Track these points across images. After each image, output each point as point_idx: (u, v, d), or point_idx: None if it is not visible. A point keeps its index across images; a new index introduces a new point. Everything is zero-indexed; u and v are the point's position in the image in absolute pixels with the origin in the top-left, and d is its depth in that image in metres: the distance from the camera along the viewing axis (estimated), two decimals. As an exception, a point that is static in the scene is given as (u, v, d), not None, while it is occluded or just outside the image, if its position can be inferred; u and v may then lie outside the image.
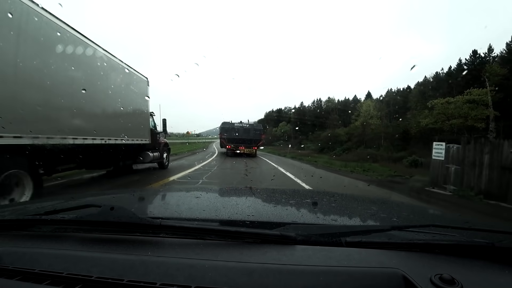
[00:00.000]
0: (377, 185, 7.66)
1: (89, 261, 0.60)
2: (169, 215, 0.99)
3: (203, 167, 10.98)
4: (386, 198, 2.97)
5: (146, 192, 1.84)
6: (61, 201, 1.26)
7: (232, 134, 17.91)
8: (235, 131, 17.99)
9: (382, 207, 1.35)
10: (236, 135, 17.88)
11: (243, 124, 18.54)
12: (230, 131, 18.01)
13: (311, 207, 1.15)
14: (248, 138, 17.89)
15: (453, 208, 5.23)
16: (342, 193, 1.88)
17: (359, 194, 2.55)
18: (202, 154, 18.72)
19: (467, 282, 0.52)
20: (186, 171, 9.33)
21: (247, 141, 17.81)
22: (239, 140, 17.89)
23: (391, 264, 0.58)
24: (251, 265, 0.58)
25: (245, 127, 18.33)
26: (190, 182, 7.20)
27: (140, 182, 7.09)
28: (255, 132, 18.39)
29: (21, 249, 0.68)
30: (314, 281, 0.53)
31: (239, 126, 18.34)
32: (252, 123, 19.10)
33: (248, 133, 18.04)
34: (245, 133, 17.97)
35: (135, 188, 4.62)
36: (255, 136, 18.22)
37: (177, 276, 0.55)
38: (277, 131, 60.03)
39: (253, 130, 18.36)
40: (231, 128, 18.14)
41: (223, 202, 1.36)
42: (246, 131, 18.10)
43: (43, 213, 0.83)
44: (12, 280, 0.55)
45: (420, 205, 2.98)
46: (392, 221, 1.06)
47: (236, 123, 18.54)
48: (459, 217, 1.68)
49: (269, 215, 1.03)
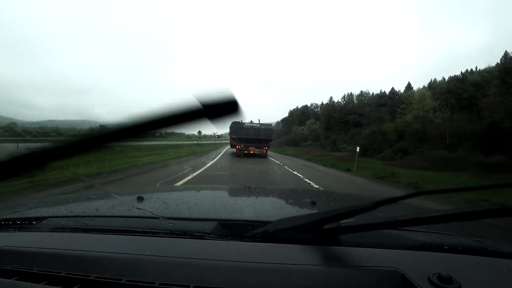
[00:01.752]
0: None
1: (88, 261, 0.61)
2: (168, 214, 0.96)
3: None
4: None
5: (145, 192, 1.67)
6: (59, 200, 1.32)
7: (242, 134, 17.03)
8: (245, 130, 17.03)
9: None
10: (246, 135, 17.08)
11: (253, 124, 17.59)
12: (240, 130, 16.96)
13: (310, 206, 1.18)
14: (258, 138, 17.20)
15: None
16: (341, 193, 2.16)
17: (357, 192, 2.60)
18: (190, 164, 12.54)
19: (465, 280, 0.52)
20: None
21: (258, 141, 17.21)
22: (249, 140, 17.09)
23: (389, 263, 0.58)
24: (250, 265, 0.58)
25: (255, 126, 17.43)
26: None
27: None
28: (266, 131, 17.57)
29: (19, 248, 0.67)
30: (313, 280, 0.54)
31: (249, 126, 17.30)
32: (262, 123, 18.01)
33: (259, 133, 17.26)
34: (255, 133, 17.19)
35: (134, 188, 4.57)
36: (266, 136, 17.50)
37: (176, 275, 0.55)
38: (304, 130, 52.04)
39: (264, 129, 17.51)
40: (241, 127, 16.96)
41: (222, 201, 1.33)
42: (257, 130, 17.27)
43: (41, 212, 0.83)
44: (10, 280, 0.55)
45: (419, 205, 2.08)
46: (391, 220, 1.02)
47: (246, 123, 17.32)
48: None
49: (268, 215, 1.01)
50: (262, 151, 17.46)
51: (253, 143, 17.17)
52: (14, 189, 4.19)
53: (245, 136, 17.12)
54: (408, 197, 0.71)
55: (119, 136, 0.50)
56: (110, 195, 1.42)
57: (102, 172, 7.09)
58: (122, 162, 8.93)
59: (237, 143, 17.28)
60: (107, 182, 6.28)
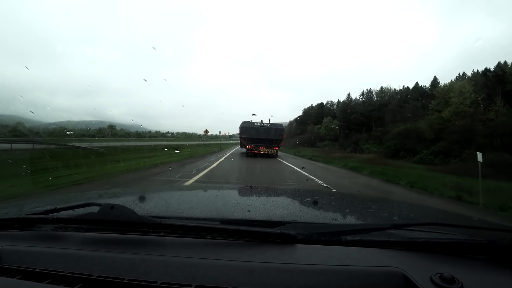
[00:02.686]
0: None
1: (90, 260, 0.61)
2: (170, 214, 0.96)
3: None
4: (387, 197, 2.77)
5: (147, 191, 1.69)
6: (62, 199, 1.29)
7: (252, 133, 17.14)
8: (255, 130, 17.13)
9: (383, 206, 1.35)
10: (257, 135, 17.10)
11: (264, 124, 17.53)
12: (250, 130, 17.18)
13: (311, 206, 1.15)
14: (269, 138, 17.18)
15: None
16: (343, 193, 2.11)
17: (359, 193, 2.33)
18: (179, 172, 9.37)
19: (467, 280, 0.52)
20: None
21: (268, 141, 17.18)
22: (259, 140, 17.05)
23: (391, 263, 0.59)
24: (252, 264, 0.58)
25: (265, 126, 17.35)
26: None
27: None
28: (276, 131, 17.48)
29: (22, 248, 0.68)
30: (315, 280, 0.54)
31: (259, 126, 17.33)
32: (273, 123, 17.90)
33: (269, 133, 17.24)
34: (265, 132, 17.20)
35: (135, 187, 4.54)
36: (276, 136, 17.47)
37: (178, 275, 0.55)
38: (321, 129, 47.97)
39: (274, 129, 17.40)
40: (251, 127, 17.21)
41: (224, 201, 1.33)
42: (267, 130, 17.25)
43: (43, 211, 0.82)
44: (13, 279, 0.56)
45: (421, 204, 2.50)
46: (393, 220, 1.04)
47: (257, 123, 17.49)
48: (460, 215, 1.62)
49: (269, 214, 0.99)
50: (272, 151, 17.20)
51: (264, 143, 17.04)
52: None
53: (255, 136, 16.97)
54: (422, 225, 0.79)
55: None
56: (112, 195, 1.43)
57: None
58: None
59: (247, 143, 17.13)
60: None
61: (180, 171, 8.74)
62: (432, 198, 6.64)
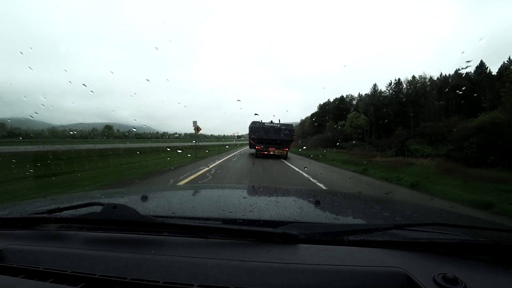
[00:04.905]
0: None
1: (93, 260, 0.61)
2: (172, 214, 0.96)
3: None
4: (389, 197, 2.51)
5: (149, 191, 1.70)
6: (64, 199, 1.27)
7: (261, 134, 16.66)
8: (265, 131, 16.61)
9: (385, 206, 1.33)
10: (266, 135, 16.62)
11: (274, 124, 16.83)
12: (260, 131, 16.66)
13: (313, 206, 1.16)
14: (278, 138, 16.64)
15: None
16: (345, 192, 1.99)
17: (361, 193, 2.25)
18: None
19: (470, 281, 0.52)
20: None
21: (278, 141, 16.67)
22: (269, 140, 16.58)
23: (394, 263, 0.58)
24: (254, 264, 0.59)
25: (275, 127, 16.73)
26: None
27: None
28: (286, 132, 16.90)
29: (26, 247, 0.68)
30: (317, 280, 0.54)
31: (269, 126, 16.76)
32: (283, 123, 17.05)
33: (279, 134, 16.68)
34: (275, 133, 16.66)
35: (138, 187, 4.57)
36: (286, 136, 16.92)
37: (180, 274, 0.56)
38: (346, 126, 39.96)
39: (284, 130, 16.81)
40: (261, 128, 16.66)
41: (226, 200, 1.32)
42: (277, 131, 16.68)
43: (46, 211, 0.82)
44: (16, 278, 0.57)
45: (424, 204, 2.37)
46: (395, 220, 1.02)
47: (266, 123, 16.86)
48: (463, 215, 1.55)
49: (271, 214, 0.99)
50: (282, 152, 16.67)
51: (273, 144, 16.57)
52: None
53: (265, 136, 16.51)
54: (425, 225, 0.80)
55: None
56: (114, 194, 1.42)
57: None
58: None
59: (256, 144, 16.77)
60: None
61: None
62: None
